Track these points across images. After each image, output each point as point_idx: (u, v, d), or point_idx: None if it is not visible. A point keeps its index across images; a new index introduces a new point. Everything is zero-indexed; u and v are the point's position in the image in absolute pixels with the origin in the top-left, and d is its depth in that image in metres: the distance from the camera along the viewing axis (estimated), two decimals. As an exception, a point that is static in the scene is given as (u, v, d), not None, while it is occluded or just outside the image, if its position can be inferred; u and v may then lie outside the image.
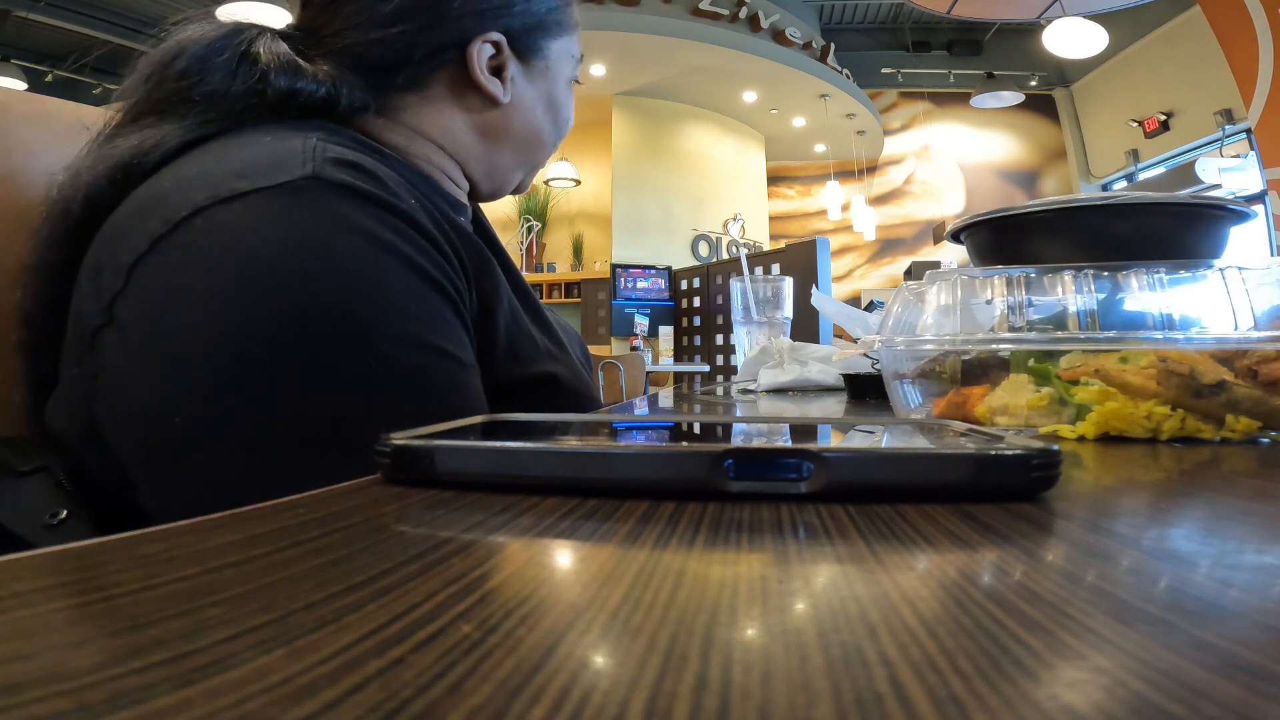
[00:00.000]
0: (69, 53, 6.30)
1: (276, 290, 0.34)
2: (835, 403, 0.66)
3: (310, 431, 0.35)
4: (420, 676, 0.09)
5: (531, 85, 0.48)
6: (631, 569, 0.14)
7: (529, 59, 0.47)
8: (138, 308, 0.35)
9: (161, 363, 0.34)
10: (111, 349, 0.35)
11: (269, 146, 0.37)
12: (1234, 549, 0.16)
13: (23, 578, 0.13)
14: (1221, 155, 5.03)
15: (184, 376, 0.34)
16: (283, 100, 0.41)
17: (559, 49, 0.49)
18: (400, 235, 0.37)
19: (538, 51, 0.47)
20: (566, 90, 0.51)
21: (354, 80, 0.43)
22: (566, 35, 0.49)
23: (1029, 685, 0.09)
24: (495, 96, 0.46)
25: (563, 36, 0.49)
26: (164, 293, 0.34)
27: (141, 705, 0.08)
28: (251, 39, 0.42)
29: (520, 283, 0.49)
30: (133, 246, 0.35)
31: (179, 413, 0.34)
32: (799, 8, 6.09)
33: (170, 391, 0.34)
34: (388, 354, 0.35)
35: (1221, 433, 0.34)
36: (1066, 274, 0.37)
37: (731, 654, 0.10)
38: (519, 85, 0.47)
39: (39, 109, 0.58)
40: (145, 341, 0.34)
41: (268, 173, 0.35)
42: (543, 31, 0.47)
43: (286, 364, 0.34)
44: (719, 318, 3.83)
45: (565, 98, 0.51)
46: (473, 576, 0.14)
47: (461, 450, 0.22)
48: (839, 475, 0.20)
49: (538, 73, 0.48)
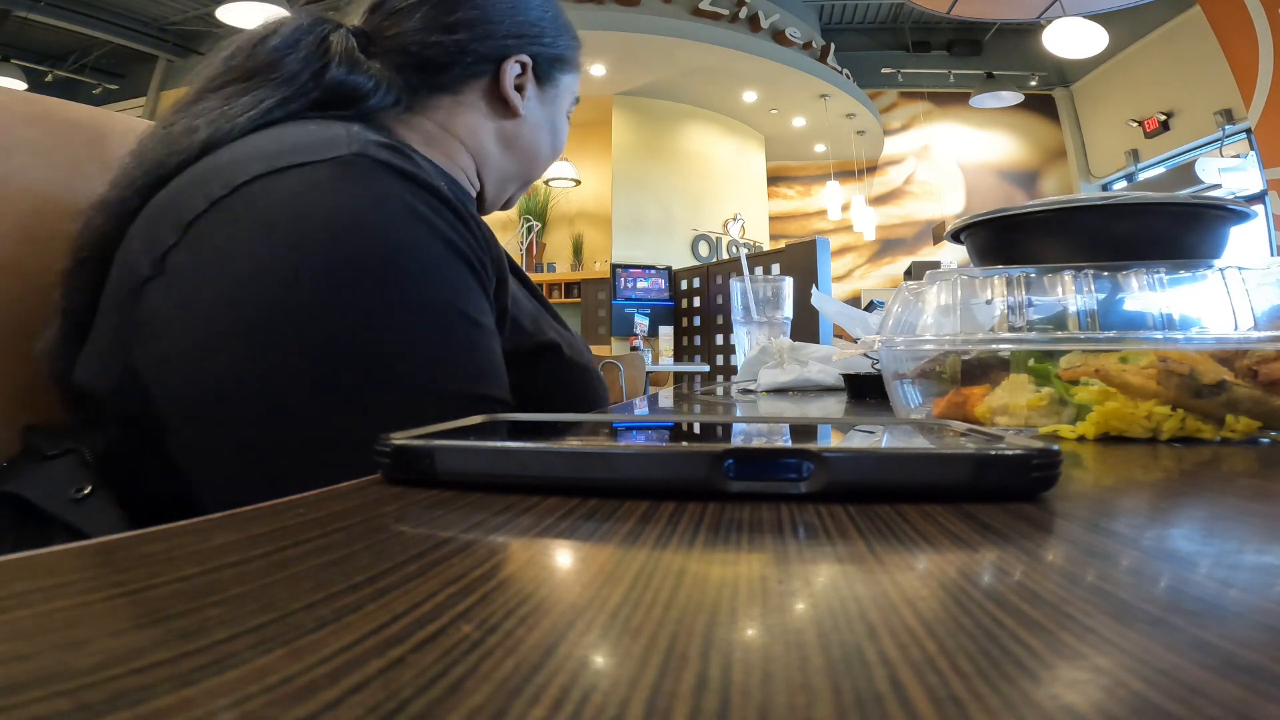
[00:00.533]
0: (69, 53, 6.30)
1: (324, 245, 0.37)
2: (835, 403, 0.66)
3: (341, 374, 0.37)
4: (420, 676, 0.09)
5: (542, 107, 0.55)
6: (631, 569, 0.14)
7: (545, 84, 0.55)
8: (190, 258, 0.38)
9: (209, 305, 0.37)
10: (158, 297, 0.38)
11: (316, 132, 0.41)
12: (1234, 549, 0.16)
13: (23, 578, 0.13)
14: (1221, 155, 5.03)
15: (230, 318, 0.37)
16: (329, 92, 0.46)
17: (567, 83, 0.56)
18: (433, 210, 0.40)
19: (552, 80, 0.55)
20: (564, 120, 0.58)
21: (397, 79, 0.48)
22: (573, 73, 0.57)
23: (1029, 685, 0.09)
24: (515, 108, 0.52)
25: (571, 73, 0.56)
26: (218, 244, 0.38)
27: (141, 705, 0.08)
28: (331, 30, 0.47)
29: (519, 269, 0.56)
30: (191, 206, 0.38)
31: (224, 349, 0.36)
32: (799, 8, 6.09)
33: (216, 329, 0.37)
34: (418, 309, 0.39)
35: (1221, 433, 0.34)
36: (1066, 274, 0.37)
37: (731, 654, 0.10)
38: (532, 104, 0.54)
39: (39, 109, 0.58)
40: (194, 287, 0.37)
41: (318, 150, 0.39)
42: (560, 64, 0.55)
43: (326, 309, 0.37)
44: (719, 318, 3.83)
45: (563, 125, 0.58)
46: (473, 576, 0.14)
47: (461, 450, 0.22)
48: (839, 475, 0.20)
49: (549, 98, 0.55)
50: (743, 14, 5.34)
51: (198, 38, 6.45)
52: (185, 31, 6.33)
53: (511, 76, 0.51)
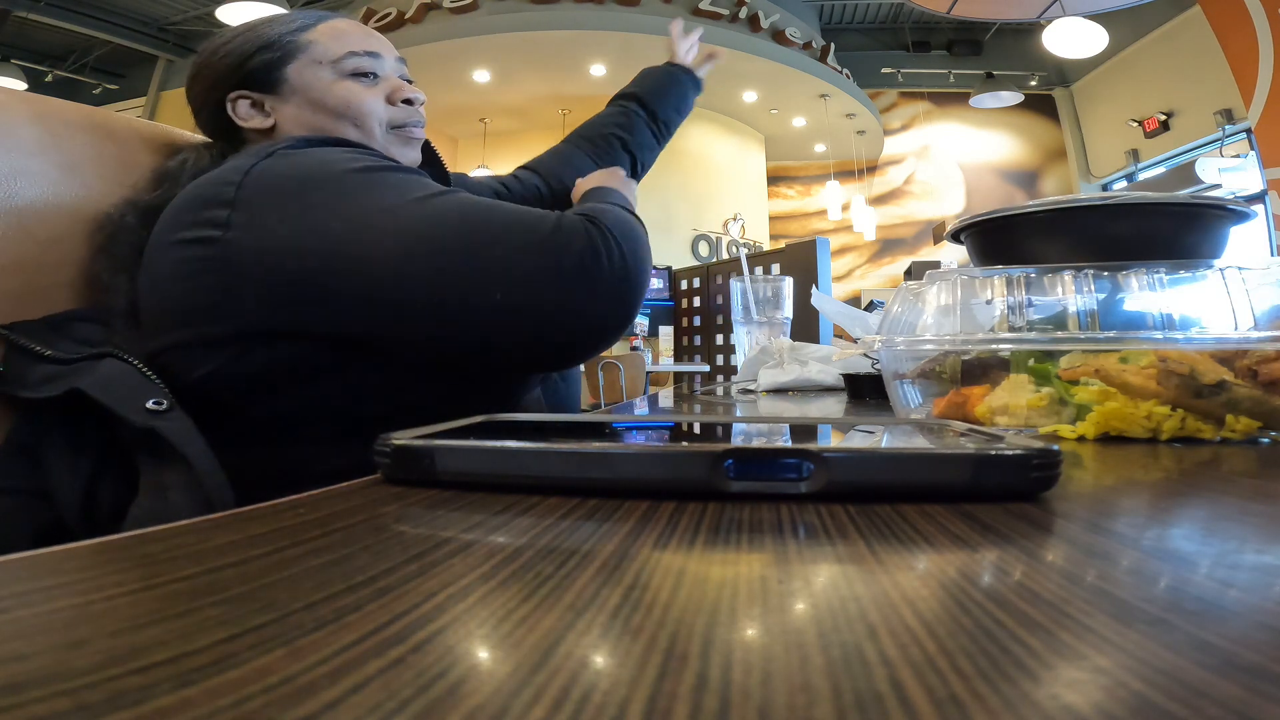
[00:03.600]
0: (69, 53, 6.30)
1: (341, 170, 0.52)
2: (835, 403, 0.66)
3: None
4: (420, 676, 0.09)
5: (288, 102, 0.64)
6: (631, 569, 0.14)
7: (275, 88, 0.64)
8: (249, 218, 0.50)
9: (300, 241, 0.50)
10: (249, 255, 0.49)
11: (256, 150, 0.55)
12: (1234, 549, 0.16)
13: (23, 578, 0.13)
14: (1221, 155, 5.03)
15: (292, 228, 0.50)
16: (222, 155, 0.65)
17: (296, 67, 0.64)
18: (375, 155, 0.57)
19: (279, 79, 0.64)
20: (335, 79, 0.64)
21: (215, 153, 0.65)
22: (297, 58, 0.64)
23: (1029, 685, 0.09)
24: (259, 125, 0.64)
25: (293, 61, 0.64)
26: (266, 203, 0.51)
27: (141, 705, 0.08)
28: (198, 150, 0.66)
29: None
30: (224, 191, 0.51)
31: (300, 244, 0.49)
32: (799, 8, 6.08)
33: (291, 229, 0.49)
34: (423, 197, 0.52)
35: (1221, 433, 0.34)
36: (1066, 274, 0.37)
37: (731, 654, 0.10)
38: (281, 108, 0.64)
39: (39, 109, 0.58)
40: (279, 237, 0.49)
41: (269, 148, 0.54)
42: (272, 66, 0.64)
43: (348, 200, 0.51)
44: (719, 318, 3.82)
45: (334, 87, 0.64)
46: (473, 576, 0.14)
47: (461, 450, 0.22)
48: (839, 475, 0.20)
49: (289, 90, 0.64)
50: (743, 14, 5.34)
51: (198, 38, 6.44)
52: (185, 31, 6.33)
53: (240, 112, 0.64)
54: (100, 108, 0.65)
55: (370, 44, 0.66)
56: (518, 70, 5.07)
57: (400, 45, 0.81)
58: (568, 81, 5.39)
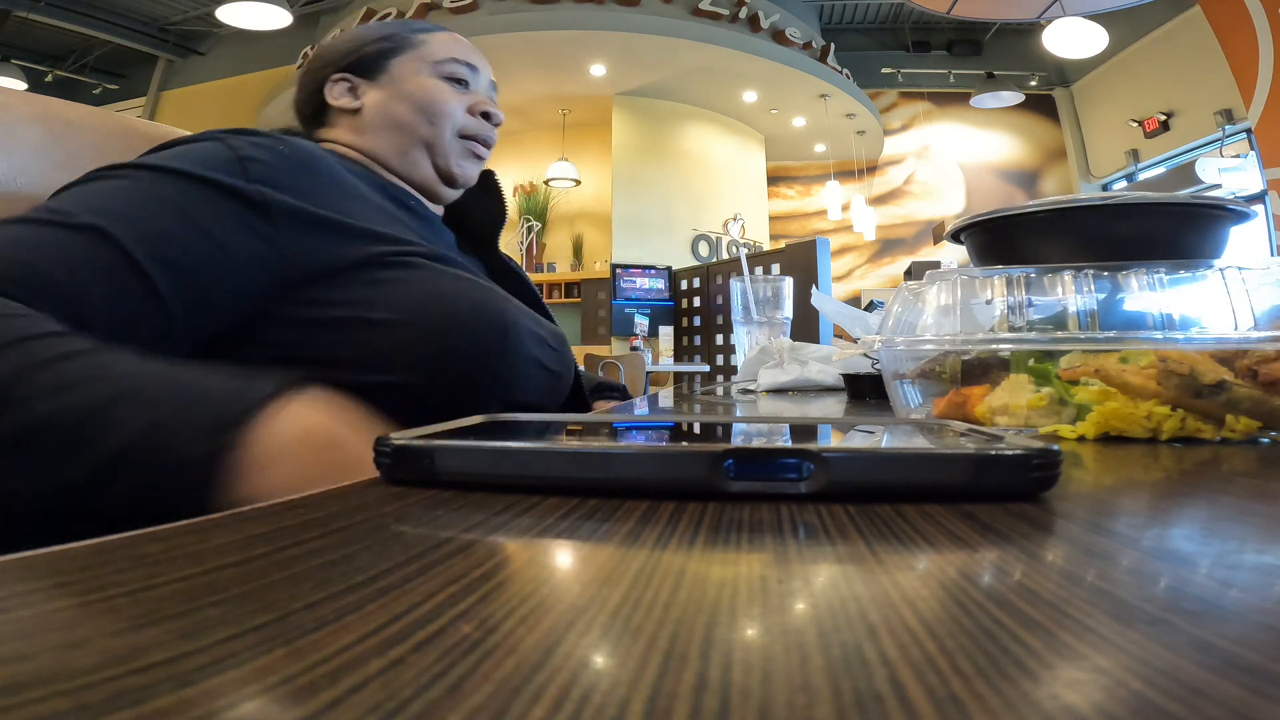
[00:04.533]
0: (69, 53, 6.30)
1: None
2: (835, 403, 0.66)
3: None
4: (420, 676, 0.09)
5: (383, 89, 0.68)
6: (631, 569, 0.14)
7: (375, 75, 0.68)
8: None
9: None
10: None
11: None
12: (1234, 549, 0.16)
13: (23, 578, 0.13)
14: (1221, 155, 5.03)
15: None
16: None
17: (401, 62, 0.69)
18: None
19: (382, 69, 0.68)
20: (428, 80, 0.69)
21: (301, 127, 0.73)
22: (406, 52, 0.69)
23: (1029, 685, 0.09)
24: (347, 105, 0.68)
25: (401, 54, 0.69)
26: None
27: (141, 705, 0.08)
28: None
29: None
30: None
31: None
32: (799, 8, 6.08)
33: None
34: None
35: (1221, 433, 0.34)
36: (1066, 274, 0.37)
37: (731, 654, 0.10)
38: (371, 94, 0.68)
39: (39, 109, 0.58)
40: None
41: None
42: (382, 55, 0.69)
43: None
44: (719, 318, 3.83)
45: (425, 84, 0.68)
46: (473, 576, 0.14)
47: (461, 450, 0.22)
48: (839, 475, 0.20)
49: (385, 81, 0.68)
50: (743, 14, 5.33)
51: (198, 38, 6.45)
52: (185, 31, 6.33)
53: (334, 92, 0.68)
54: (100, 108, 0.66)
55: (472, 58, 0.72)
56: (518, 70, 5.06)
57: (400, 45, 0.83)
58: (568, 81, 5.39)
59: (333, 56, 0.69)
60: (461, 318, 0.52)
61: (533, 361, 0.57)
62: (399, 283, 0.52)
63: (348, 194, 0.56)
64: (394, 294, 0.51)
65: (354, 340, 0.50)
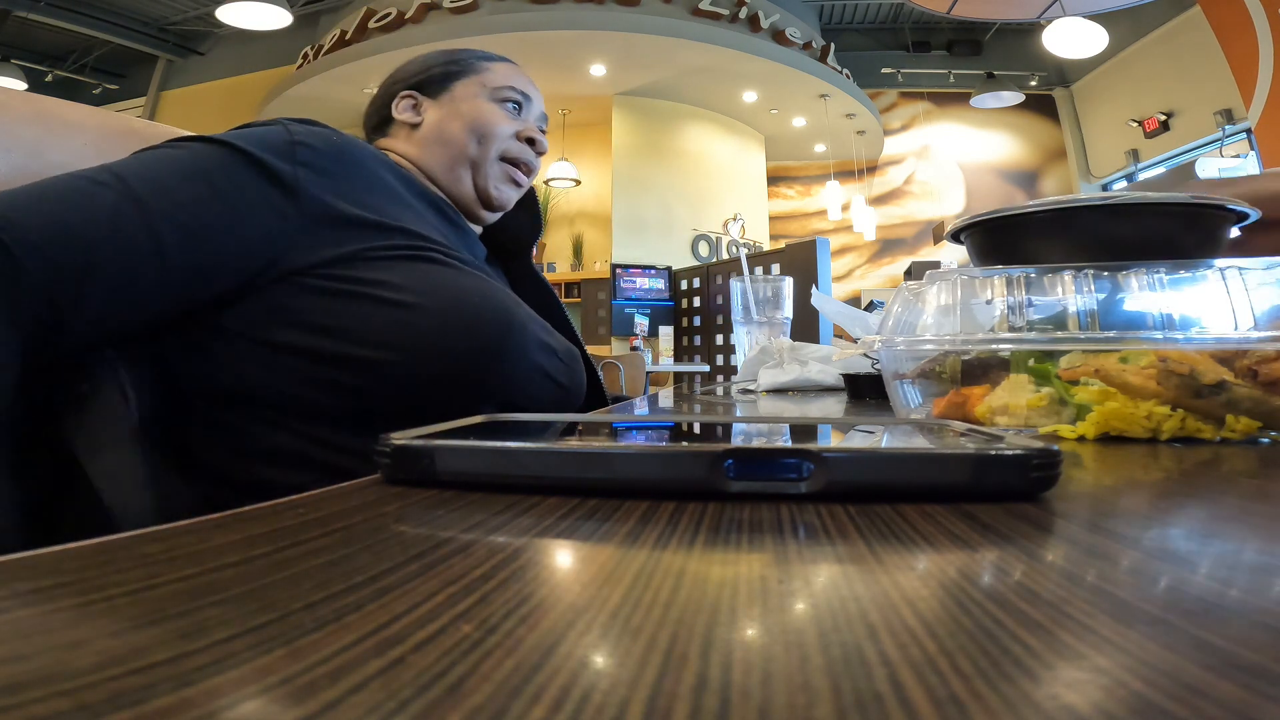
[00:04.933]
0: (69, 53, 6.30)
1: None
2: (835, 403, 0.66)
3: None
4: (420, 676, 0.09)
5: (442, 107, 0.74)
6: (631, 569, 0.14)
7: (438, 94, 0.75)
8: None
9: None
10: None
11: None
12: (1234, 549, 0.16)
13: (23, 578, 0.13)
14: (1221, 155, 5.03)
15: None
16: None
17: (464, 85, 0.75)
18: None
19: (445, 89, 0.75)
20: (483, 104, 0.75)
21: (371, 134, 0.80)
22: (469, 76, 0.75)
23: (1029, 685, 0.09)
24: (409, 119, 0.74)
25: (465, 78, 0.75)
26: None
27: (141, 705, 0.08)
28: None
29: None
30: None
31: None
32: (799, 8, 6.08)
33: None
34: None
35: (1221, 433, 0.34)
36: (1066, 274, 0.37)
37: (731, 654, 0.10)
38: (431, 111, 0.74)
39: (39, 109, 0.58)
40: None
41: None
42: (447, 78, 0.75)
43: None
44: (719, 318, 3.82)
45: (480, 108, 0.74)
46: (473, 576, 0.14)
47: (461, 450, 0.22)
48: (839, 475, 0.20)
49: (446, 100, 0.75)
50: (743, 14, 5.33)
51: (198, 38, 6.44)
52: (185, 31, 6.33)
53: (400, 106, 0.75)
54: (100, 108, 0.66)
55: (529, 89, 0.78)
56: (518, 70, 5.07)
57: (400, 45, 0.82)
58: (568, 81, 5.39)
59: (404, 75, 0.77)
60: (466, 309, 0.54)
61: (537, 369, 0.59)
62: (413, 270, 0.55)
63: (383, 191, 0.60)
64: (407, 279, 0.54)
65: (362, 313, 0.52)
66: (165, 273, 0.48)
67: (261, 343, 0.51)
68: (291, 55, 5.78)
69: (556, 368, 0.61)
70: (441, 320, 0.53)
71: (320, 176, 0.54)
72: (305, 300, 0.52)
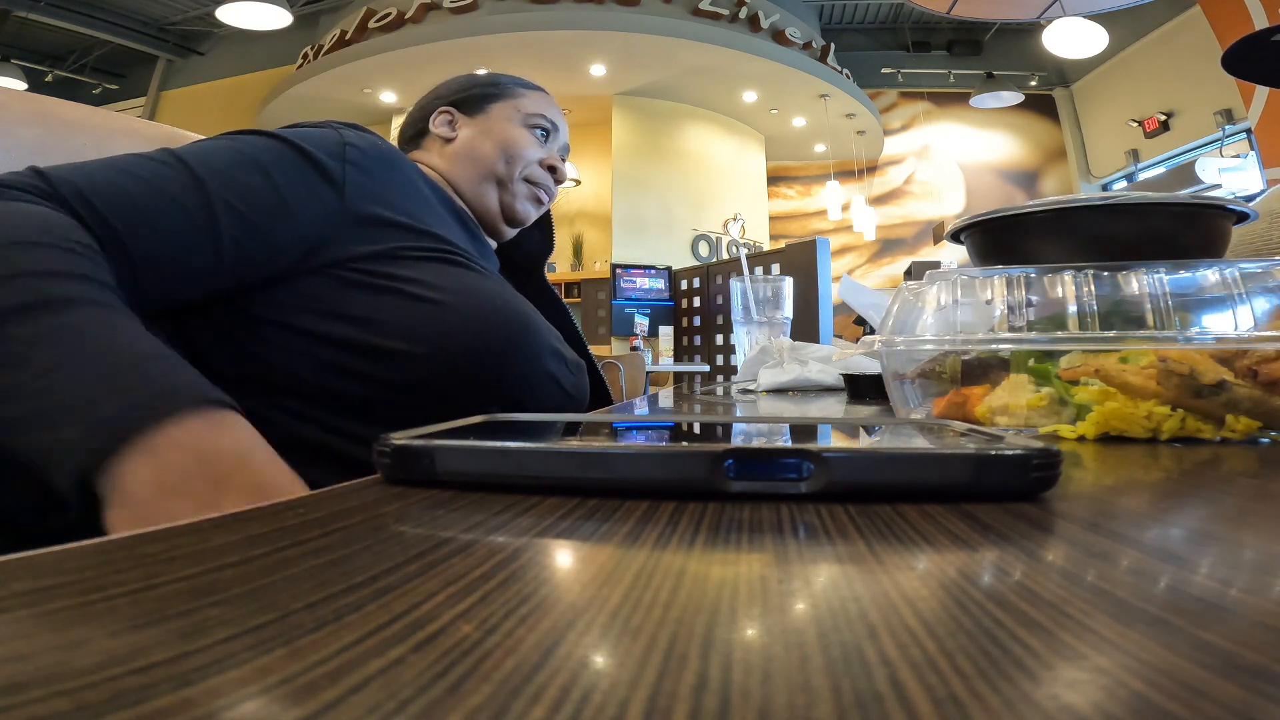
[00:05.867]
0: (69, 53, 6.30)
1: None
2: (835, 403, 0.66)
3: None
4: (420, 676, 0.09)
5: (475, 125, 0.78)
6: (631, 569, 0.14)
7: (473, 113, 0.79)
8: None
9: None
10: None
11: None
12: (1234, 549, 0.16)
13: (23, 578, 0.13)
14: (1221, 155, 5.03)
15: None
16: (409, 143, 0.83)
17: (499, 107, 0.79)
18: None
19: (480, 109, 0.79)
20: (513, 127, 0.78)
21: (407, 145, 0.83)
22: (505, 99, 0.80)
23: (1029, 685, 0.09)
24: (444, 134, 0.78)
25: (501, 100, 0.79)
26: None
27: (141, 705, 0.08)
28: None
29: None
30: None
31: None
32: (799, 8, 6.08)
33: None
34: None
35: (1221, 433, 0.34)
36: (1066, 274, 0.37)
37: (731, 654, 0.10)
38: (466, 128, 0.78)
39: (39, 109, 0.58)
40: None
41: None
42: (483, 99, 0.79)
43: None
44: (719, 318, 3.82)
45: (509, 130, 0.78)
46: (473, 576, 0.14)
47: (461, 450, 0.22)
48: (839, 475, 0.20)
49: (480, 119, 0.79)
50: (743, 14, 5.34)
51: (198, 38, 6.44)
52: (185, 31, 6.33)
53: (438, 121, 0.79)
54: (100, 108, 0.66)
55: (558, 120, 0.83)
56: (518, 70, 5.05)
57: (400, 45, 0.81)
58: (568, 81, 5.39)
59: (445, 92, 0.81)
60: (489, 309, 0.57)
61: (548, 374, 0.61)
62: (443, 271, 0.58)
63: (418, 197, 0.64)
64: (437, 278, 0.57)
65: (394, 306, 0.55)
66: (217, 255, 0.50)
67: (290, 329, 0.53)
68: (291, 55, 5.78)
69: (566, 376, 0.64)
70: (466, 318, 0.55)
71: (365, 177, 0.58)
72: (339, 291, 0.55)
